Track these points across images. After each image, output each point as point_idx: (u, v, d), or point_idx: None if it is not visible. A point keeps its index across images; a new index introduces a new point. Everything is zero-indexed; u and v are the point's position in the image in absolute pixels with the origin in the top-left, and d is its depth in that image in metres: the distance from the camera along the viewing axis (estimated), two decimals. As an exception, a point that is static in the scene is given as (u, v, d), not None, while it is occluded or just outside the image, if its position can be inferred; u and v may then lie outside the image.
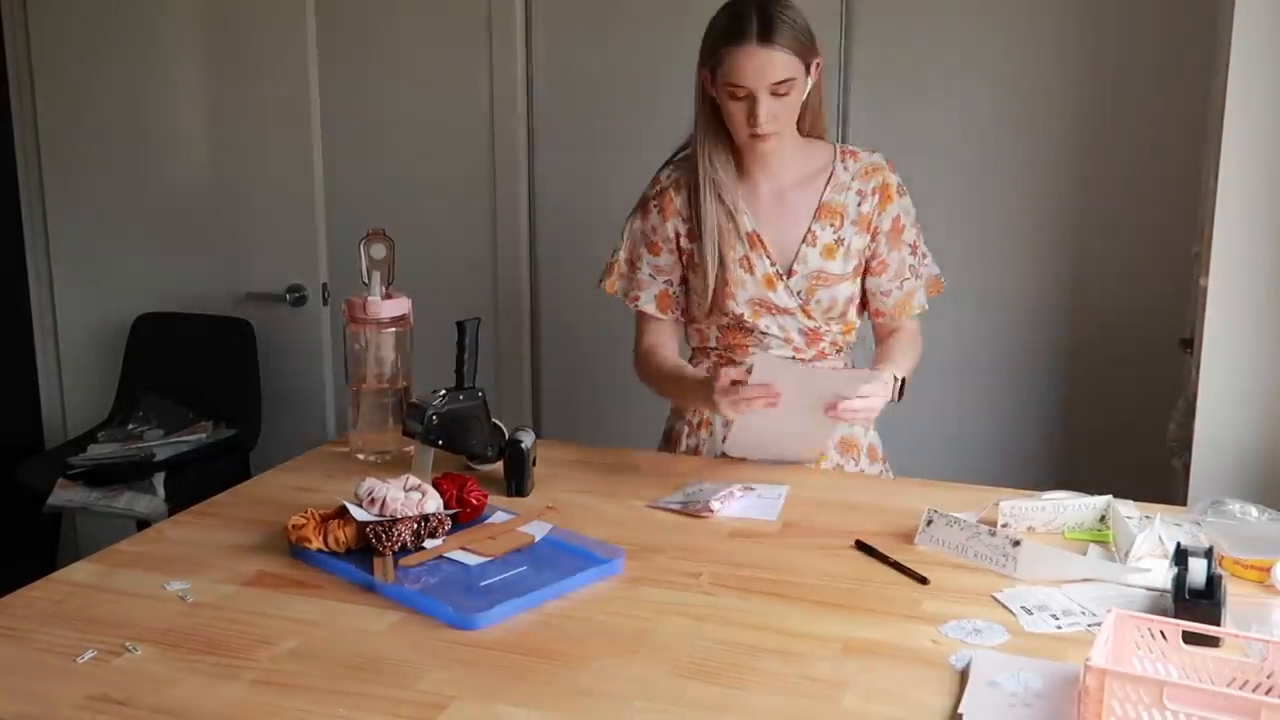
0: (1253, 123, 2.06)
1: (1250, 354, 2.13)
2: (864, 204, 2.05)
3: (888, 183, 2.07)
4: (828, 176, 2.06)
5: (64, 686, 1.30)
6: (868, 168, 2.07)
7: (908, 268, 2.10)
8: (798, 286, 2.04)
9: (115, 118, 3.36)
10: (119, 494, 2.98)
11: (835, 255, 2.05)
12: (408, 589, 1.53)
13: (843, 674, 1.33)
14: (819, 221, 2.04)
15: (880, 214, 2.06)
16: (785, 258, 2.04)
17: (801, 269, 2.04)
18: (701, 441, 2.15)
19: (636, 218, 2.13)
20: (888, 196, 2.06)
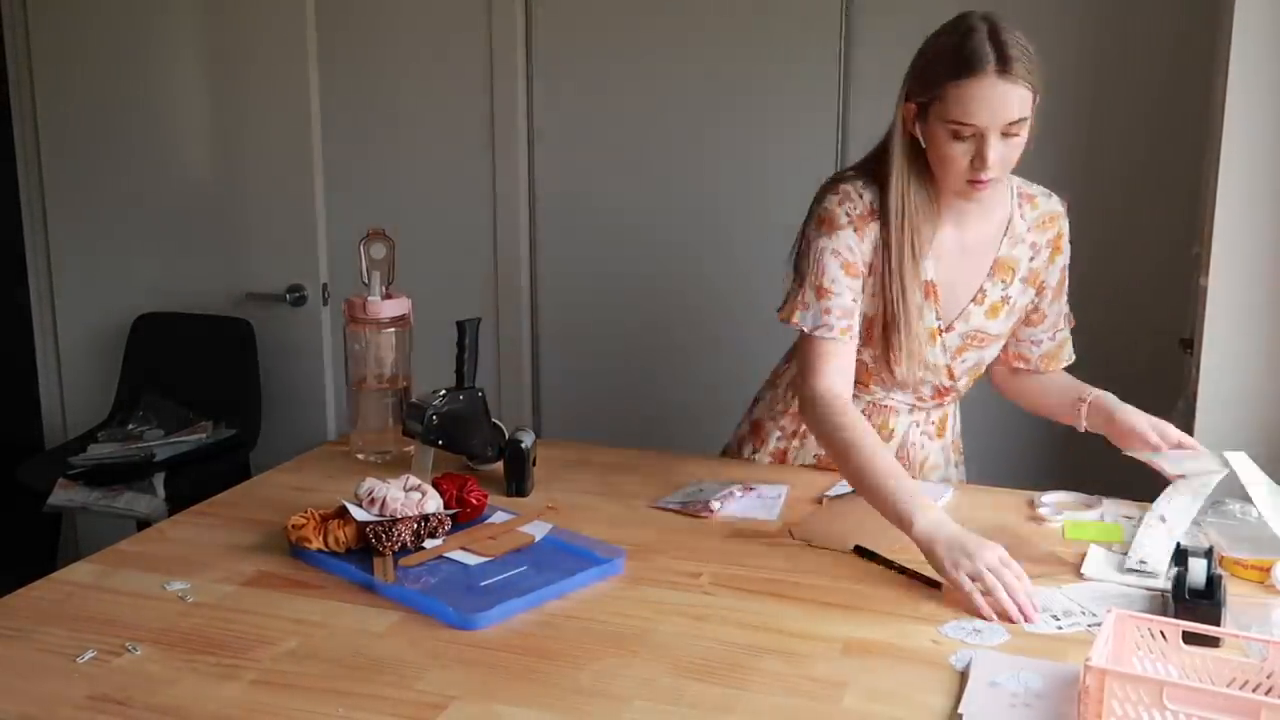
0: (1253, 123, 2.06)
1: (1250, 354, 2.13)
2: (1035, 259, 1.89)
3: (1061, 233, 1.91)
4: (1005, 227, 1.87)
5: (64, 686, 1.30)
6: (1045, 218, 1.90)
7: (1063, 318, 1.98)
8: (952, 343, 1.89)
9: (115, 118, 3.36)
10: (119, 494, 2.98)
11: (999, 314, 1.90)
12: (408, 589, 1.53)
13: (843, 674, 1.33)
14: (992, 279, 1.87)
15: (1049, 267, 1.91)
16: (949, 314, 1.88)
17: (961, 326, 1.88)
18: (792, 450, 2.05)
19: (824, 235, 1.83)
20: (1058, 249, 1.92)
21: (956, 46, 1.68)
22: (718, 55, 2.94)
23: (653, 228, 3.08)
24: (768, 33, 2.91)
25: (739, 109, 2.95)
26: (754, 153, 2.97)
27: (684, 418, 3.08)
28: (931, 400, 1.99)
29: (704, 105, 2.98)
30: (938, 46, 1.73)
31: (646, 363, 3.15)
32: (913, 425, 2.00)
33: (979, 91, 1.65)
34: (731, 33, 2.93)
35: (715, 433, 2.29)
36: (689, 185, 3.03)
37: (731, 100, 2.96)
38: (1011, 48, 1.66)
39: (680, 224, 3.06)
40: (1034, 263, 1.90)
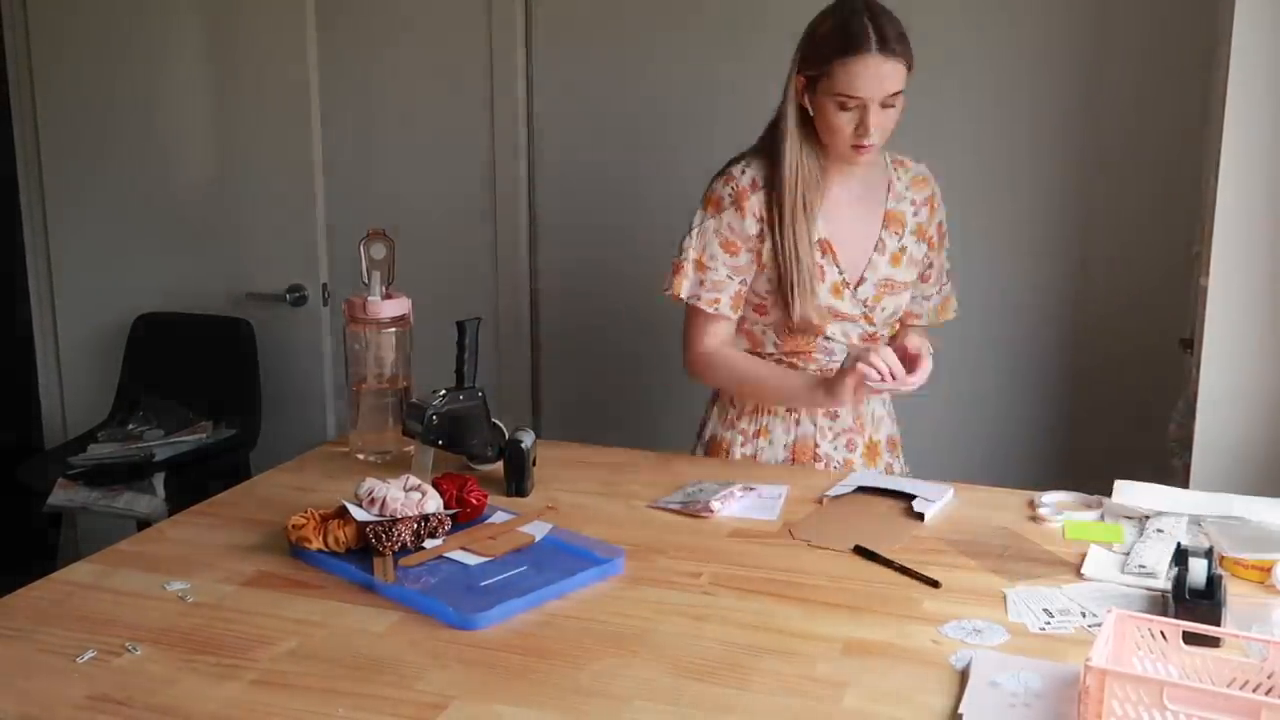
0: (1253, 123, 2.06)
1: (1250, 354, 2.13)
2: (918, 214, 2.11)
3: (934, 194, 2.14)
4: (887, 185, 2.10)
5: (64, 686, 1.30)
6: (917, 178, 2.13)
7: (945, 273, 2.20)
8: (864, 295, 2.06)
9: (115, 118, 3.36)
10: (119, 494, 2.98)
11: (900, 263, 2.09)
12: (408, 589, 1.53)
13: (843, 674, 1.33)
14: (886, 229, 2.08)
15: (930, 221, 2.13)
16: (855, 266, 2.06)
17: (871, 276, 2.06)
18: (759, 450, 2.13)
19: (709, 216, 2.06)
20: (934, 207, 2.14)
21: (841, 27, 1.90)
22: (717, 54, 2.94)
23: (653, 228, 3.08)
24: (767, 32, 2.91)
25: (739, 108, 2.94)
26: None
27: (684, 418, 3.08)
28: None
29: (704, 104, 2.98)
30: (824, 27, 1.94)
31: (647, 363, 3.14)
32: None
33: (862, 68, 1.87)
34: (731, 31, 2.92)
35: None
36: (689, 185, 3.02)
37: (732, 99, 2.95)
38: (888, 28, 1.88)
39: (681, 224, 3.05)
40: (917, 218, 2.11)
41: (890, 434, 2.21)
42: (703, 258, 2.06)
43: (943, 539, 1.72)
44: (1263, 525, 1.68)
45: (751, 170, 2.04)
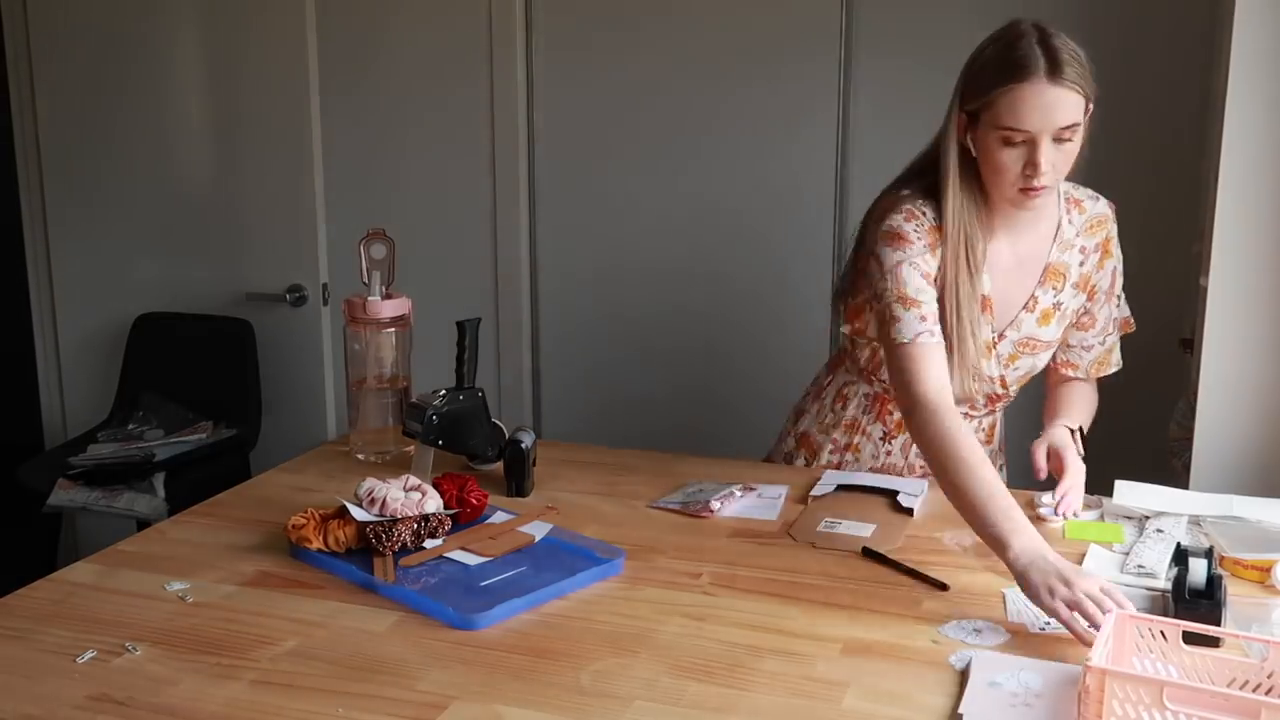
0: (1253, 123, 2.06)
1: (1250, 354, 2.13)
2: (1085, 263, 1.90)
3: (1110, 238, 1.93)
4: (1055, 233, 1.87)
5: (64, 686, 1.30)
6: (1093, 221, 1.91)
7: (1113, 323, 1.98)
8: (1004, 351, 1.89)
9: (115, 118, 3.35)
10: (119, 494, 2.98)
11: (1050, 321, 1.89)
12: (408, 589, 1.53)
13: (843, 674, 1.33)
14: (1043, 286, 1.87)
15: (1099, 271, 1.92)
16: (1001, 323, 1.88)
17: (1012, 334, 1.88)
18: (845, 463, 2.04)
19: (897, 249, 1.77)
20: (1108, 253, 1.93)
21: (1005, 52, 1.69)
22: (718, 53, 2.94)
23: (653, 228, 3.09)
24: (768, 31, 2.91)
25: (740, 108, 2.95)
26: (755, 151, 2.96)
27: (684, 418, 3.08)
28: (984, 409, 2.00)
29: (705, 104, 2.98)
30: (987, 54, 1.73)
31: (647, 363, 3.15)
32: None
33: (1030, 96, 1.65)
34: (732, 31, 2.92)
35: (715, 433, 2.29)
36: (689, 185, 3.03)
37: (732, 99, 2.96)
38: (1062, 53, 1.66)
39: (680, 224, 3.06)
40: (1084, 267, 1.90)
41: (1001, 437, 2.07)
42: (906, 292, 1.76)
43: (943, 539, 1.72)
44: (1263, 525, 1.68)
45: (930, 211, 1.79)
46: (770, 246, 2.98)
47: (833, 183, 2.90)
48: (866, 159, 2.85)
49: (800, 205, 2.93)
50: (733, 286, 3.03)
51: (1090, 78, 1.68)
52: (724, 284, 3.05)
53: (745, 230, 2.98)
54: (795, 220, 2.93)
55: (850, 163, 2.86)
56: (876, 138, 2.86)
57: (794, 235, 2.96)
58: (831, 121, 2.87)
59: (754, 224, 2.96)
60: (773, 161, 2.94)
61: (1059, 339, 1.94)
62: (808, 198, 2.93)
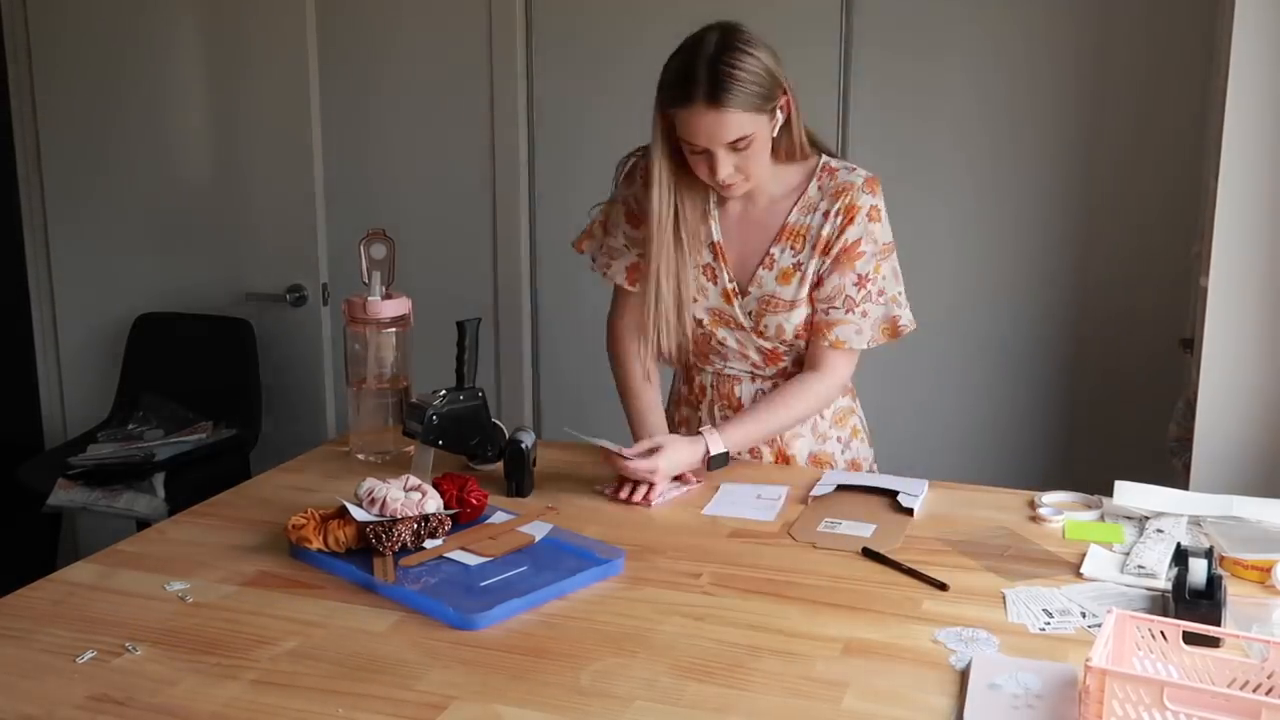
0: (1253, 123, 2.06)
1: (1250, 354, 2.13)
2: (826, 225, 1.93)
3: (854, 205, 1.91)
4: (798, 196, 1.95)
5: (64, 686, 1.30)
6: (839, 187, 1.93)
7: (843, 297, 1.94)
8: (748, 307, 1.98)
9: (115, 118, 3.36)
10: (119, 494, 2.98)
11: (790, 281, 1.95)
12: (408, 589, 1.53)
13: (843, 674, 1.33)
14: (779, 244, 1.95)
15: (837, 236, 1.92)
16: (743, 276, 1.98)
17: (754, 290, 1.97)
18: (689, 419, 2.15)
19: (621, 185, 2.06)
20: (850, 219, 1.92)
21: (677, 75, 1.81)
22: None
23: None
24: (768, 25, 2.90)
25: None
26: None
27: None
28: (767, 366, 2.05)
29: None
30: (672, 66, 1.84)
31: (646, 363, 3.14)
32: (757, 392, 2.06)
33: (693, 119, 1.79)
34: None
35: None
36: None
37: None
38: (726, 75, 1.76)
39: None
40: (825, 230, 1.94)
41: (815, 452, 2.08)
42: (607, 223, 2.08)
43: (943, 539, 1.72)
44: (1263, 525, 1.68)
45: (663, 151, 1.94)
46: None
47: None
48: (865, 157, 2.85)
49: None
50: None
51: (759, 89, 1.78)
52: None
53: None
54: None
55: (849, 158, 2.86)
56: (874, 133, 2.86)
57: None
58: (832, 121, 2.87)
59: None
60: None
61: (803, 300, 1.96)
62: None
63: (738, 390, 2.07)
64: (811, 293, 1.96)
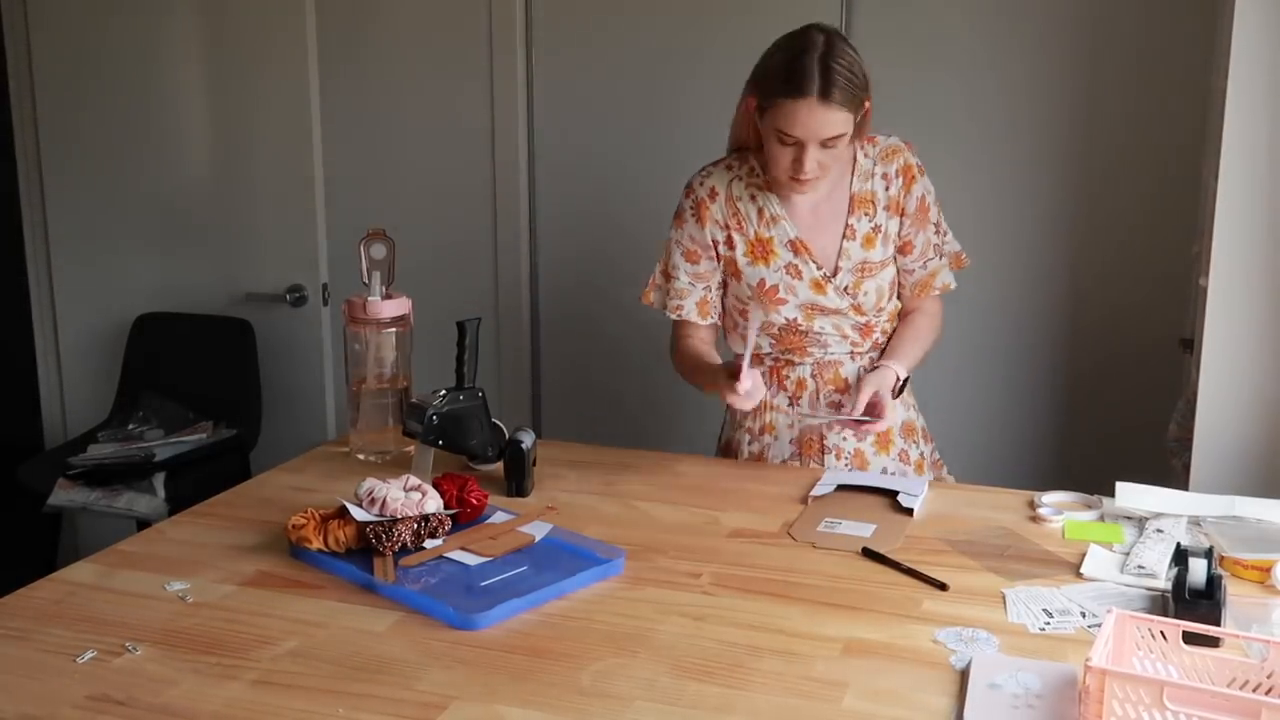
0: (1253, 123, 2.06)
1: (1250, 354, 2.13)
2: (890, 187, 2.06)
3: (909, 164, 2.07)
4: (852, 166, 2.06)
5: (64, 686, 1.30)
6: (886, 150, 2.07)
7: (932, 247, 2.10)
8: (844, 282, 2.04)
9: (115, 118, 3.36)
10: (119, 494, 2.98)
11: (875, 244, 2.05)
12: (408, 589, 1.53)
13: (843, 674, 1.33)
14: (854, 214, 2.05)
15: (906, 195, 2.06)
16: (829, 258, 2.04)
17: (845, 264, 2.04)
18: (766, 447, 2.13)
19: (673, 228, 2.13)
20: (911, 177, 2.07)
21: (788, 65, 1.88)
22: (718, 54, 2.94)
23: (653, 228, 3.08)
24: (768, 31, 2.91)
25: (739, 109, 2.95)
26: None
27: (684, 418, 3.08)
28: (864, 340, 2.11)
29: (704, 105, 2.97)
30: (776, 60, 1.93)
31: (646, 363, 3.14)
32: (860, 370, 2.11)
33: (800, 113, 1.87)
34: (732, 27, 2.92)
35: (715, 433, 2.29)
36: (689, 185, 3.03)
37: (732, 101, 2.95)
38: (838, 74, 1.86)
39: (680, 224, 3.06)
40: (890, 191, 2.06)
41: (905, 419, 2.15)
42: (667, 268, 2.14)
43: (943, 539, 1.72)
44: (1262, 525, 1.68)
45: (711, 180, 2.09)
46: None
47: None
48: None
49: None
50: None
51: (860, 90, 1.90)
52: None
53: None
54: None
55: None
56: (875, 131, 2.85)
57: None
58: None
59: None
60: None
61: (890, 259, 2.09)
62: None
63: (842, 372, 2.11)
64: (897, 255, 2.10)
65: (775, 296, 2.04)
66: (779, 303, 2.04)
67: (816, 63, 1.86)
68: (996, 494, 1.94)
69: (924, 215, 2.08)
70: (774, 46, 1.96)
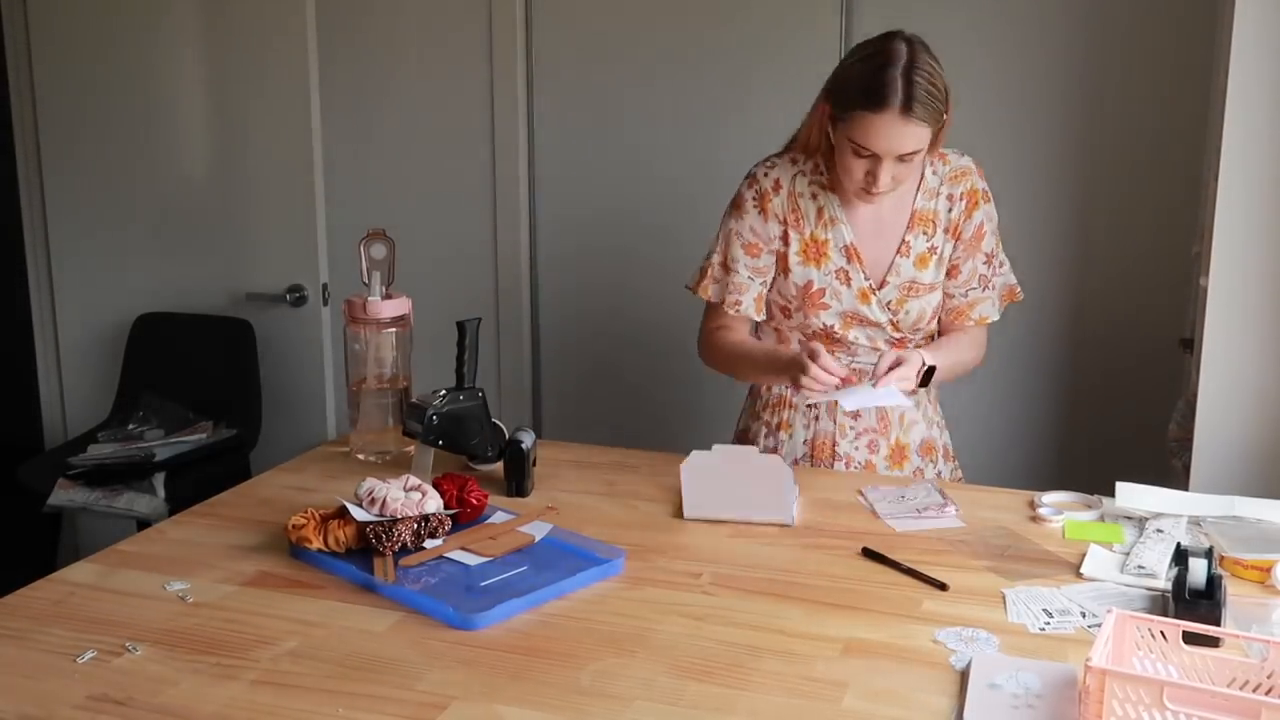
0: (1253, 123, 2.06)
1: (1250, 354, 2.13)
2: (953, 209, 2.01)
3: (975, 189, 2.01)
4: (918, 182, 2.00)
5: (64, 686, 1.30)
6: (956, 172, 2.01)
7: (978, 277, 2.05)
8: (888, 297, 2.00)
9: (115, 118, 3.36)
10: (119, 494, 2.98)
11: (928, 264, 2.01)
12: (408, 589, 1.53)
13: (843, 674, 1.33)
14: (912, 231, 2.00)
15: (966, 220, 2.01)
16: (879, 270, 2.01)
17: (894, 279, 2.00)
18: (780, 443, 2.12)
19: (732, 218, 2.05)
20: (974, 203, 2.01)
21: (871, 75, 1.82)
22: (718, 55, 2.94)
23: (653, 228, 3.09)
24: (768, 32, 2.91)
25: (741, 107, 2.95)
26: (755, 154, 2.96)
27: (684, 418, 3.08)
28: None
29: (704, 106, 2.98)
30: (856, 68, 1.86)
31: (646, 363, 3.15)
32: None
33: (881, 126, 1.81)
34: (732, 33, 2.92)
35: (715, 433, 2.29)
36: (689, 185, 3.03)
37: (734, 98, 2.96)
38: (920, 88, 1.80)
39: (680, 224, 3.06)
40: (952, 214, 2.01)
41: (926, 437, 2.13)
42: (726, 260, 2.05)
43: (943, 539, 1.72)
44: (1263, 525, 1.68)
45: (776, 172, 2.02)
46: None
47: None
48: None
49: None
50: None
51: (943, 105, 1.84)
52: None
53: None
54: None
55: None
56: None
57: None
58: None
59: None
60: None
61: (940, 282, 2.04)
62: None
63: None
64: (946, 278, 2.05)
65: (819, 300, 2.01)
66: (821, 307, 2.01)
67: (900, 75, 1.79)
68: (996, 494, 1.94)
69: (977, 243, 2.03)
70: (854, 55, 1.90)
